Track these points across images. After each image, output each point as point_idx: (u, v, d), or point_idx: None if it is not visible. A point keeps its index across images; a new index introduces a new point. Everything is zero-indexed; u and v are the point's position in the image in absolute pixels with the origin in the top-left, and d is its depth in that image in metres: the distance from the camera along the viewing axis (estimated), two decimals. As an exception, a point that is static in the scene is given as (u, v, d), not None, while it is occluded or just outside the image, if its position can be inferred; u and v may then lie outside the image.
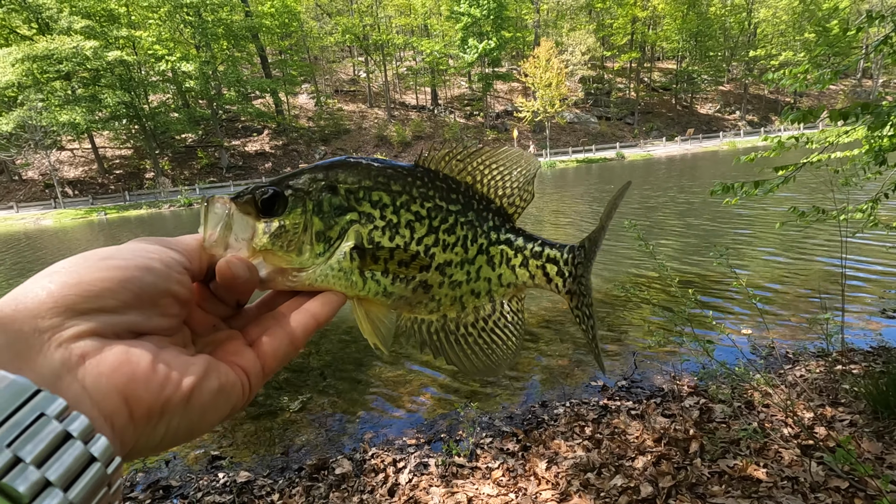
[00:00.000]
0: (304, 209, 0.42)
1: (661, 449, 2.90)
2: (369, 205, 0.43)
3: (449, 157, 0.51)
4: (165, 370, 0.34)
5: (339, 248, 0.42)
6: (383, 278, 0.43)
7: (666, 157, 39.39)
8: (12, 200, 36.37)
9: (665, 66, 66.16)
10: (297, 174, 0.44)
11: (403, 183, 0.45)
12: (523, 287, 0.53)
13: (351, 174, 0.44)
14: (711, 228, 10.63)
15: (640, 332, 5.40)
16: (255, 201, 0.41)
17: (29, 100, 32.33)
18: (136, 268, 0.36)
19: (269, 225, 0.41)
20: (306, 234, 0.42)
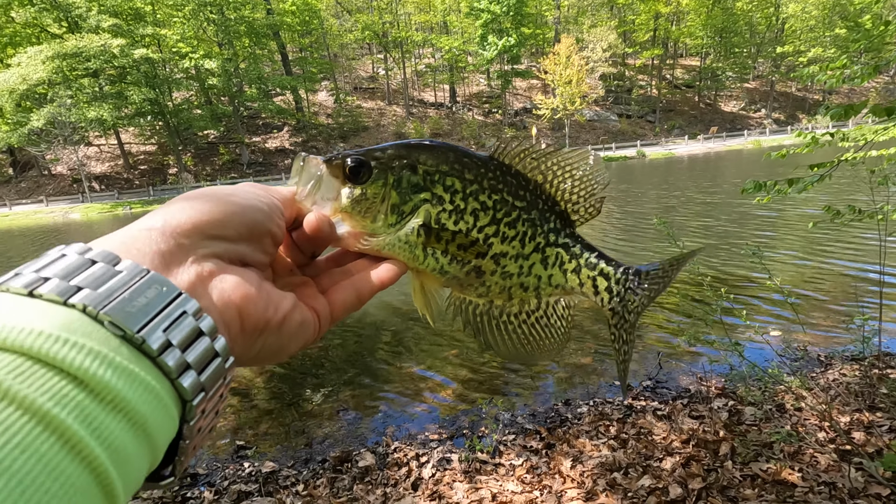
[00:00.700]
0: (385, 182, 0.45)
1: (689, 450, 2.84)
2: (442, 188, 0.46)
3: (525, 153, 0.53)
4: (268, 296, 0.40)
5: (409, 223, 0.45)
6: (442, 257, 0.47)
7: (688, 156, 38.71)
8: (42, 194, 37.49)
9: (688, 63, 64.94)
10: (384, 148, 0.47)
11: (476, 173, 0.48)
12: (570, 292, 0.54)
13: (431, 157, 0.47)
14: (731, 230, 10.40)
15: (663, 332, 5.32)
16: (344, 167, 0.45)
17: (59, 96, 33.28)
18: (251, 207, 0.42)
19: (352, 190, 0.45)
20: (383, 205, 0.45)
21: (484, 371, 4.76)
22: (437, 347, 5.44)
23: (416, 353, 5.36)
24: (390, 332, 6.05)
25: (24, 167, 41.12)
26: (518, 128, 50.58)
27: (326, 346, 5.76)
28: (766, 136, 48.43)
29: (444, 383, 4.56)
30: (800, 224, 10.13)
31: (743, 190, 4.16)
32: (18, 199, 37.38)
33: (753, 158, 30.58)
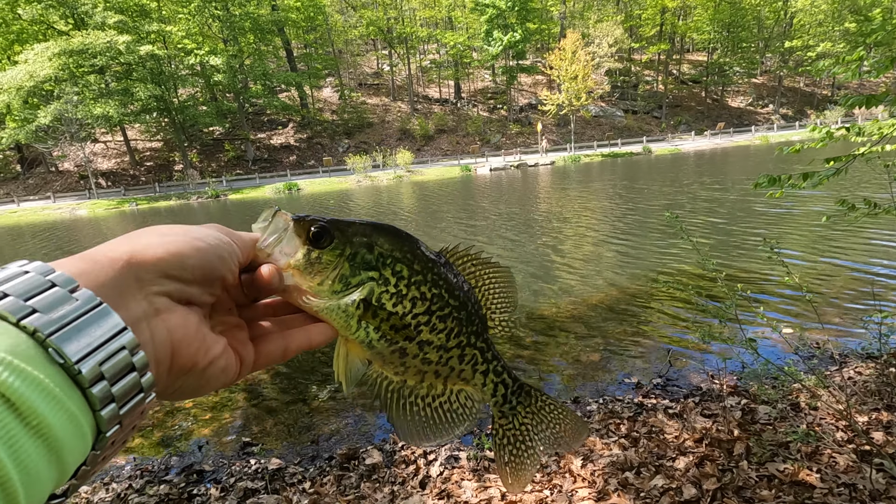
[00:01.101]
0: (342, 253, 0.50)
1: (703, 450, 2.79)
2: (391, 272, 0.51)
3: (468, 259, 0.61)
4: (203, 340, 0.42)
5: (351, 294, 0.49)
6: (373, 332, 0.51)
7: (694, 152, 38.39)
8: (49, 191, 37.73)
9: (695, 58, 64.37)
10: (350, 223, 0.52)
11: (424, 266, 0.53)
12: (472, 387, 0.61)
13: (389, 242, 0.52)
14: (736, 227, 10.27)
15: (673, 329, 5.25)
16: (309, 229, 0.49)
17: (65, 93, 33.41)
18: (212, 252, 0.44)
19: (310, 252, 0.49)
20: (333, 272, 0.49)
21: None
22: (444, 344, 5.39)
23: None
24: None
25: (31, 164, 41.40)
26: (523, 124, 50.35)
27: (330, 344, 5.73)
28: (773, 132, 47.97)
29: (451, 380, 4.51)
30: (805, 221, 10.02)
31: (756, 184, 4.08)
32: (26, 196, 37.64)
33: (760, 155, 30.31)
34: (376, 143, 45.89)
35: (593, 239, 10.29)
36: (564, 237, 10.81)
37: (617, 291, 6.64)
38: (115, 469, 3.55)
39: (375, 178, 35.15)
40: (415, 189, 27.06)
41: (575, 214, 13.85)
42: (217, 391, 4.78)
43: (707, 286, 6.53)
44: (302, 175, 39.86)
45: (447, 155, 45.04)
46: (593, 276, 7.56)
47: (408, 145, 45.04)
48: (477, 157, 42.41)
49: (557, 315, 5.95)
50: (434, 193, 23.72)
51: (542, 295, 6.82)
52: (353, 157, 37.60)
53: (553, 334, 5.38)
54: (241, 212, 23.31)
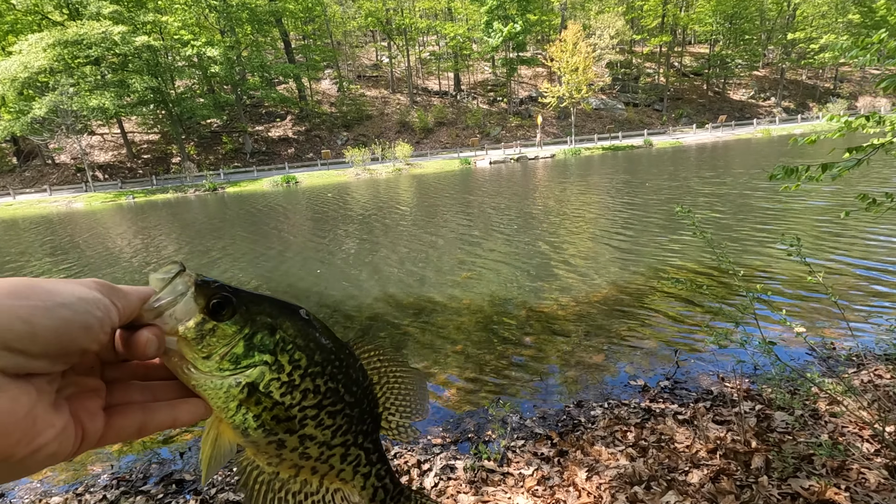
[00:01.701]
0: (240, 330, 0.45)
1: (718, 462, 2.59)
2: (288, 360, 0.47)
3: (376, 352, 0.58)
4: (31, 426, 0.35)
5: (239, 376, 0.45)
6: (252, 420, 0.46)
7: (696, 145, 38.06)
8: (46, 184, 37.38)
9: (697, 51, 63.75)
10: (258, 300, 0.47)
11: (325, 358, 0.49)
12: (350, 488, 0.57)
13: (294, 328, 0.48)
14: (735, 223, 10.06)
15: (679, 328, 5.05)
16: (210, 298, 0.44)
17: (60, 84, 32.94)
18: (77, 321, 0.37)
19: (205, 322, 0.44)
20: (224, 349, 0.45)
21: (489, 369, 4.51)
22: (441, 342, 5.19)
23: (418, 348, 5.11)
24: (391, 326, 5.81)
25: (27, 156, 40.99)
26: (523, 116, 49.93)
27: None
28: (775, 125, 47.57)
29: (448, 381, 4.31)
30: (806, 217, 9.79)
31: (771, 176, 3.85)
32: (22, 189, 37.29)
33: (762, 148, 30.00)
34: (375, 135, 45.49)
35: (594, 234, 10.07)
36: (564, 232, 10.59)
37: (619, 289, 6.44)
38: (91, 478, 3.35)
39: (374, 171, 34.84)
40: (413, 182, 26.78)
41: (575, 209, 13.61)
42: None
43: (713, 283, 6.32)
44: (300, 168, 39.52)
45: (447, 148, 44.67)
46: (594, 272, 7.35)
47: (407, 138, 44.65)
48: (477, 150, 42.06)
49: (558, 313, 5.74)
50: (433, 186, 23.46)
51: (541, 292, 6.61)
52: (351, 149, 37.26)
53: (554, 333, 5.18)
54: (239, 205, 23.05)
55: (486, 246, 9.66)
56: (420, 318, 5.96)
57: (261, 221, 16.54)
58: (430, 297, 6.74)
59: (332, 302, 6.87)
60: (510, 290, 6.74)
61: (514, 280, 7.22)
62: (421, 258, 9.12)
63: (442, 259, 8.92)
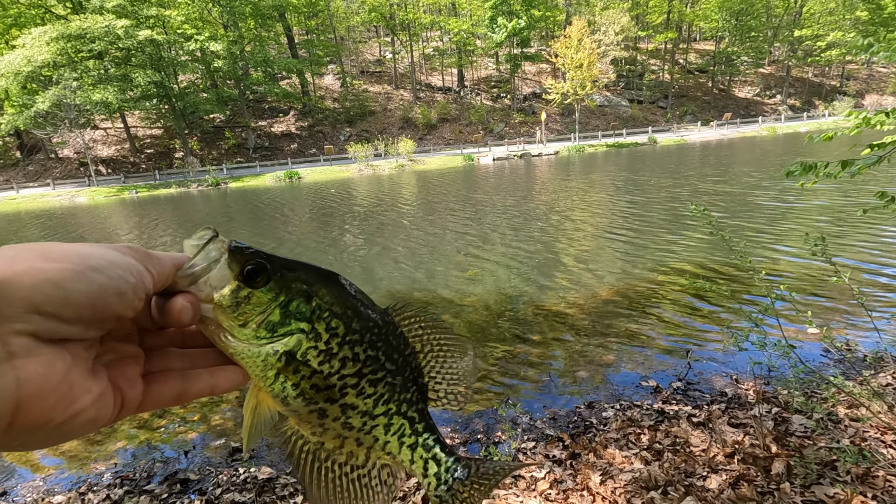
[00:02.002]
0: (276, 298, 0.44)
1: (736, 467, 2.52)
2: (325, 327, 0.46)
3: (417, 319, 0.55)
4: (67, 391, 0.34)
5: (276, 344, 0.44)
6: (291, 389, 0.45)
7: (700, 143, 37.84)
8: (49, 178, 37.40)
9: (702, 48, 63.35)
10: (293, 266, 0.46)
11: (364, 325, 0.48)
12: (399, 464, 0.55)
13: (330, 294, 0.47)
14: (739, 222, 9.95)
15: (690, 327, 4.97)
16: (245, 264, 0.43)
17: (64, 78, 32.90)
18: (110, 285, 0.36)
19: (239, 289, 0.43)
20: (261, 317, 0.44)
21: (497, 368, 4.45)
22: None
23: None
24: (397, 324, 5.74)
25: (31, 150, 41.00)
26: (527, 113, 49.72)
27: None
28: (781, 123, 47.29)
29: (456, 380, 4.24)
30: (809, 217, 9.69)
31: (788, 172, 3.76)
32: (26, 183, 37.32)
33: (767, 146, 29.79)
34: (378, 131, 45.36)
35: (599, 232, 9.98)
36: (569, 230, 10.51)
37: (626, 287, 6.36)
38: (95, 476, 3.30)
39: (377, 167, 34.75)
40: (416, 178, 26.69)
41: (579, 206, 13.52)
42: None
43: (725, 283, 6.24)
44: (303, 163, 39.47)
45: (450, 144, 44.54)
46: (600, 270, 7.27)
47: (410, 134, 44.52)
48: (480, 147, 41.92)
49: (566, 311, 5.67)
50: (435, 183, 23.37)
51: (548, 290, 6.54)
52: (354, 145, 37.16)
53: (562, 332, 5.11)
54: (242, 200, 23.01)
55: (491, 243, 9.59)
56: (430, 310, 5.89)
57: (264, 217, 16.48)
58: (435, 293, 6.67)
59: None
60: (516, 288, 6.67)
61: (519, 277, 7.15)
62: (425, 255, 9.05)
63: (446, 256, 8.85)
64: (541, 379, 4.21)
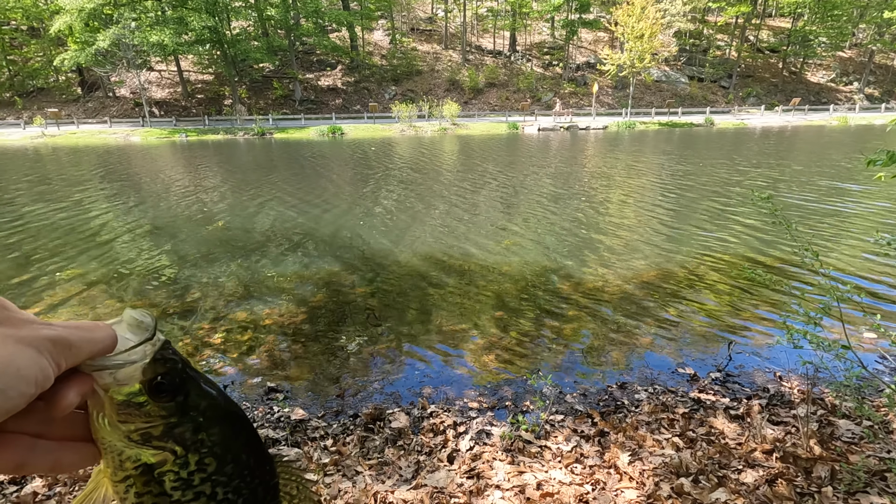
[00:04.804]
0: (166, 417, 0.42)
1: (775, 464, 2.43)
2: (196, 460, 0.44)
3: (295, 480, 0.53)
4: None
5: (142, 453, 0.42)
6: (133, 496, 0.44)
7: (761, 128, 35.57)
8: (107, 115, 38.84)
9: (777, 25, 58.61)
10: (204, 394, 0.44)
11: (236, 471, 0.46)
12: None
13: (220, 435, 0.45)
14: (796, 219, 9.36)
15: (734, 317, 4.78)
16: (156, 376, 0.41)
17: (123, 18, 33.62)
18: (3, 410, 0.32)
19: (139, 394, 0.41)
20: (143, 424, 0.42)
21: (529, 339, 4.42)
22: (480, 307, 5.12)
23: (459, 310, 5.06)
24: (433, 286, 5.77)
25: (91, 87, 42.49)
26: (578, 83, 47.78)
27: (365, 292, 5.56)
28: (854, 113, 43.78)
29: (487, 347, 4.26)
30: (873, 220, 9.01)
31: (870, 161, 3.47)
32: (85, 119, 38.91)
33: (836, 136, 27.70)
34: (423, 92, 44.65)
35: (643, 213, 9.63)
36: (612, 208, 10.18)
37: (667, 272, 6.14)
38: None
39: (419, 129, 34.40)
40: (458, 143, 26.31)
41: (624, 185, 13.04)
42: (244, 332, 4.72)
43: (778, 277, 5.93)
44: (347, 119, 39.45)
45: (495, 110, 43.48)
46: (642, 252, 7.04)
47: (455, 97, 43.63)
48: (526, 116, 40.78)
49: (603, 289, 5.54)
50: (477, 149, 22.98)
51: (585, 266, 6.40)
52: (399, 104, 36.78)
53: (598, 310, 5.01)
54: (285, 151, 23.32)
55: (529, 215, 9.41)
56: (461, 281, 5.89)
57: (305, 168, 16.68)
58: (471, 260, 6.64)
59: (375, 254, 6.88)
60: (553, 262, 6.56)
61: (556, 252, 7.02)
62: (462, 221, 8.99)
63: (483, 224, 8.76)
64: (572, 354, 4.16)
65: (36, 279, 6.17)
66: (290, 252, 7.16)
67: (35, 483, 2.58)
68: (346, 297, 5.48)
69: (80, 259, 6.95)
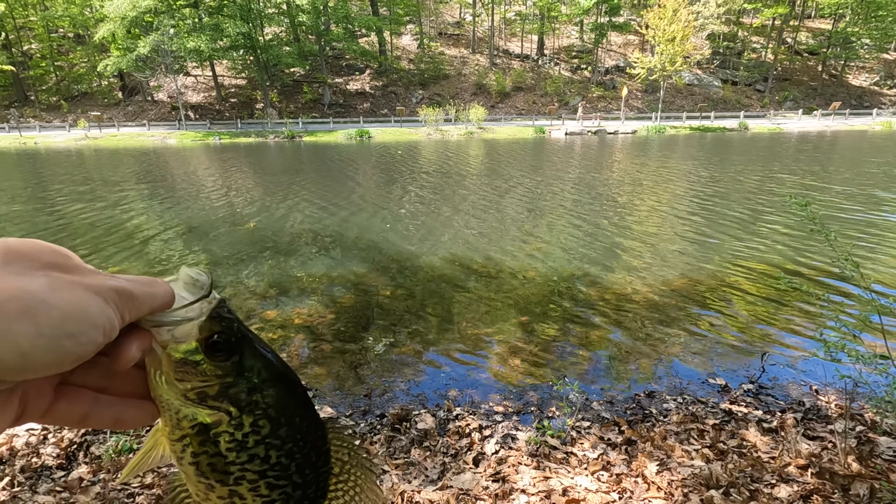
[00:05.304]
0: (222, 376, 0.43)
1: (810, 480, 2.37)
2: (251, 421, 0.44)
3: (349, 446, 0.53)
4: None
5: (198, 413, 0.43)
6: (189, 455, 0.44)
7: (798, 133, 34.42)
8: (145, 119, 40.38)
9: (816, 26, 56.66)
10: (259, 355, 0.44)
11: (289, 434, 0.46)
12: None
13: (273, 397, 0.45)
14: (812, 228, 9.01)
15: (768, 328, 4.66)
16: (213, 334, 0.42)
17: (163, 25, 34.96)
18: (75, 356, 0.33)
19: (195, 352, 0.42)
20: (199, 383, 0.42)
21: (555, 344, 4.41)
22: (506, 311, 5.13)
23: (485, 314, 5.08)
24: (459, 290, 5.80)
25: (131, 92, 44.29)
26: (607, 87, 47.22)
27: (390, 294, 5.63)
28: (899, 118, 41.89)
29: (512, 351, 4.26)
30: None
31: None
32: (125, 122, 40.55)
33: (879, 143, 26.56)
34: (450, 96, 44.87)
35: (671, 219, 9.45)
36: (640, 215, 10.02)
37: (697, 280, 6.02)
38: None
39: (446, 132, 34.56)
40: (483, 147, 26.32)
41: (653, 191, 12.82)
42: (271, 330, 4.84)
43: (813, 287, 5.75)
44: (374, 123, 39.96)
45: (522, 114, 43.34)
46: (671, 259, 6.92)
47: (482, 101, 43.68)
48: (553, 120, 40.49)
49: (632, 297, 5.47)
50: (502, 153, 22.94)
51: (612, 273, 6.32)
52: (425, 108, 37.05)
53: (625, 317, 4.95)
54: (313, 154, 23.77)
55: (555, 220, 9.36)
56: (486, 285, 5.90)
57: (332, 171, 16.97)
58: (496, 264, 6.65)
59: (401, 257, 6.96)
60: (579, 268, 6.51)
61: (583, 258, 6.96)
62: (487, 224, 9.00)
63: (509, 228, 8.75)
64: (599, 361, 4.13)
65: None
66: (319, 253, 7.31)
67: (81, 469, 2.72)
68: (373, 298, 5.56)
69: (120, 256, 7.25)
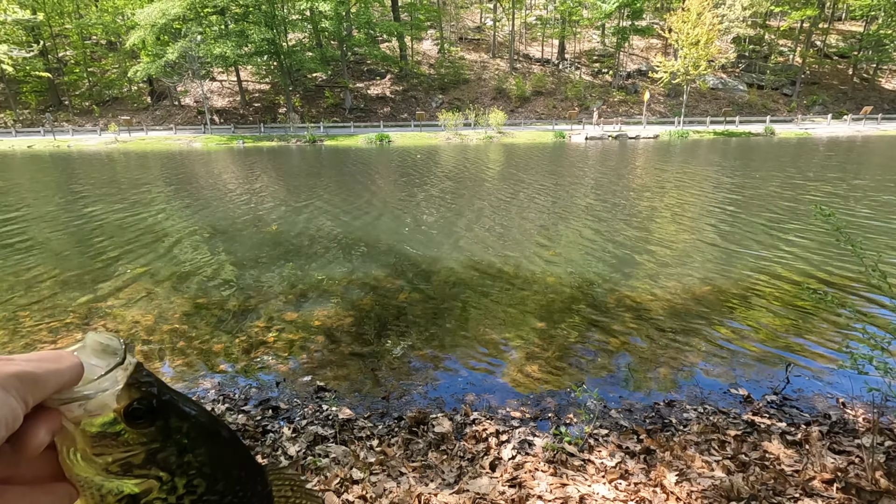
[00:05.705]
0: (147, 443, 0.39)
1: (836, 495, 2.32)
2: (185, 483, 0.41)
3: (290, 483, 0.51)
4: None
5: (123, 485, 0.39)
6: None
7: (827, 138, 33.48)
8: (172, 123, 41.50)
9: (846, 29, 55.16)
10: (184, 414, 0.41)
11: (227, 488, 0.44)
12: None
13: (207, 454, 0.42)
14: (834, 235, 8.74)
15: (793, 338, 4.55)
16: (133, 402, 0.38)
17: (190, 32, 35.94)
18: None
19: (115, 423, 0.38)
20: (122, 454, 0.39)
21: (574, 351, 4.39)
22: (524, 316, 5.12)
23: (503, 319, 5.08)
24: (477, 294, 5.81)
25: (159, 97, 45.57)
26: (629, 91, 46.71)
27: (409, 298, 5.68)
28: (935, 123, 40.43)
29: (530, 357, 4.26)
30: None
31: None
32: (153, 126, 41.73)
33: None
34: (470, 100, 44.95)
35: (693, 226, 9.30)
36: (661, 221, 9.89)
37: (719, 288, 5.92)
38: (202, 391, 3.75)
39: (465, 137, 34.63)
40: (503, 151, 26.29)
41: (674, 197, 12.63)
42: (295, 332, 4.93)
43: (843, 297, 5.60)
44: (394, 127, 40.29)
45: (542, 119, 43.18)
46: (692, 267, 6.81)
47: (502, 105, 43.64)
48: (573, 124, 40.23)
49: (651, 304, 5.41)
50: (521, 158, 22.89)
51: (632, 280, 6.26)
52: (445, 113, 37.19)
53: (645, 325, 4.90)
54: (334, 157, 24.08)
55: (574, 226, 9.30)
56: (504, 290, 5.91)
57: (352, 174, 17.17)
58: (514, 270, 6.64)
59: (420, 261, 7.01)
60: (598, 274, 6.46)
61: (603, 264, 6.90)
62: (506, 230, 9.00)
63: (527, 234, 8.73)
64: (618, 369, 4.09)
65: (109, 276, 6.68)
66: (338, 256, 7.41)
67: None
68: (392, 302, 5.61)
69: (150, 257, 7.46)
